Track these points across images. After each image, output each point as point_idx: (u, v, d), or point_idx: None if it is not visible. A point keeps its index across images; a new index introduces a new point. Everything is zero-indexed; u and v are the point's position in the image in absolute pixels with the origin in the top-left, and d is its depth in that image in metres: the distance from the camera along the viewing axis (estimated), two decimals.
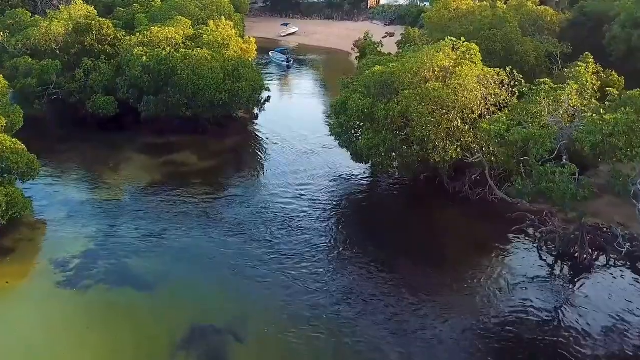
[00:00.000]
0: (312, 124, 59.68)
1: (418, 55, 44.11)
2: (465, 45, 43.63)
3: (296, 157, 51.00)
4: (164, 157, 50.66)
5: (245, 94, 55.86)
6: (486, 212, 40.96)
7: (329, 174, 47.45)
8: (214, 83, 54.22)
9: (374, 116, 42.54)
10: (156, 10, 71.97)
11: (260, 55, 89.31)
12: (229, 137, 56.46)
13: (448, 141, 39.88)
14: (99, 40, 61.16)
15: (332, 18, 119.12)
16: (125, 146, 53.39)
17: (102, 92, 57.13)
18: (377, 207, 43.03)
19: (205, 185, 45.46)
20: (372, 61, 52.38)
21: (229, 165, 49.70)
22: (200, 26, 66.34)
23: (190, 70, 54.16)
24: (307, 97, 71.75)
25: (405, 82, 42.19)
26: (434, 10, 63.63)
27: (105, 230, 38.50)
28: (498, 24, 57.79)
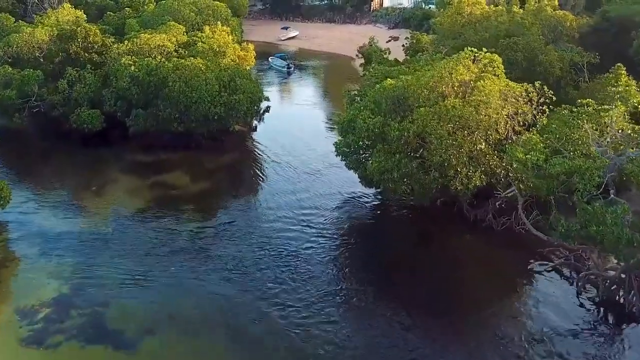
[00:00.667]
0: (314, 138, 54.76)
1: (435, 68, 39.15)
2: (487, 57, 38.63)
3: (298, 177, 46.03)
4: (153, 178, 45.72)
5: (243, 107, 50.92)
6: (512, 244, 36.11)
7: (335, 198, 42.48)
8: (208, 96, 49.29)
9: (385, 136, 37.64)
10: (148, 15, 66.99)
11: (260, 61, 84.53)
12: (225, 153, 51.53)
13: (471, 166, 34.92)
14: (85, 48, 56.24)
15: (333, 21, 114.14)
16: (111, 164, 48.48)
17: (87, 105, 52.21)
18: (389, 239, 38.04)
19: (198, 212, 40.47)
20: (380, 72, 47.46)
21: (224, 187, 44.70)
22: (195, 32, 61.41)
23: (183, 81, 49.24)
24: (309, 107, 66.74)
25: (420, 98, 37.25)
26: (445, 15, 58.65)
27: (82, 270, 33.49)
28: (516, 30, 52.95)
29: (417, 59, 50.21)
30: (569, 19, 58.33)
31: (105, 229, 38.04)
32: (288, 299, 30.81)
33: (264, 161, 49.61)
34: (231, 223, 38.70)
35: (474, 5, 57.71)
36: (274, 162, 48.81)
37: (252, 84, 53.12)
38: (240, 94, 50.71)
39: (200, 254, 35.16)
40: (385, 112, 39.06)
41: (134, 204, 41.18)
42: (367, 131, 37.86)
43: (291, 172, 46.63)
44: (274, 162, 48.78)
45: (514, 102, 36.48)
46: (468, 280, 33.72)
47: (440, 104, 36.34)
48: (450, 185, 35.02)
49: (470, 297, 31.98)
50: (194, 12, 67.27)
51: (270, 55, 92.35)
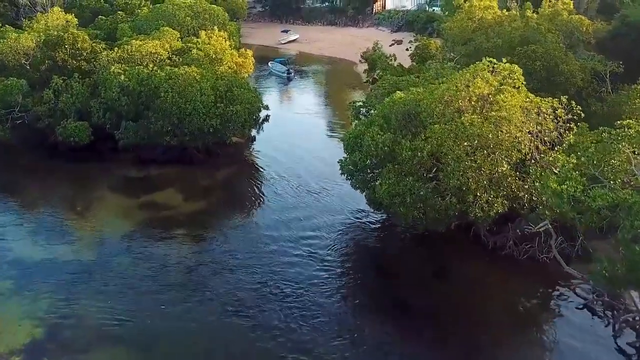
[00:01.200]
0: (317, 151, 51.16)
1: (450, 80, 35.50)
2: (506, 68, 34.97)
3: (300, 196, 42.35)
4: (143, 197, 42.03)
5: (240, 118, 47.22)
6: (537, 276, 32.63)
7: (340, 221, 38.80)
8: (203, 107, 45.62)
9: (395, 155, 34.04)
10: (141, 19, 63.23)
11: (259, 66, 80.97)
12: (221, 168, 47.88)
13: (492, 191, 31.27)
14: (72, 55, 52.54)
15: (335, 24, 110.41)
16: (98, 181, 44.80)
17: (75, 116, 48.51)
18: (399, 269, 34.34)
19: (191, 239, 36.75)
20: (388, 82, 43.87)
21: (220, 208, 40.96)
22: (190, 38, 57.69)
23: (176, 92, 45.55)
24: (310, 116, 63.00)
25: (434, 113, 33.62)
26: (455, 20, 54.99)
27: (60, 309, 29.76)
28: (531, 36, 49.31)
29: (427, 67, 46.56)
30: (585, 23, 54.63)
31: (89, 258, 34.30)
32: (294, 347, 27.03)
33: (262, 177, 45.92)
34: (228, 252, 34.94)
35: (485, 9, 54.03)
36: (273, 179, 45.12)
37: (250, 93, 49.44)
38: (237, 105, 47.03)
39: (194, 290, 31.40)
40: (395, 128, 35.49)
41: (121, 228, 37.47)
42: (376, 149, 34.25)
43: (292, 191, 42.93)
44: (274, 179, 45.09)
45: (538, 118, 32.92)
46: (487, 316, 30.16)
47: (457, 120, 32.74)
48: (469, 212, 31.35)
49: (490, 337, 28.41)
50: (189, 17, 63.56)
51: (269, 59, 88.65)
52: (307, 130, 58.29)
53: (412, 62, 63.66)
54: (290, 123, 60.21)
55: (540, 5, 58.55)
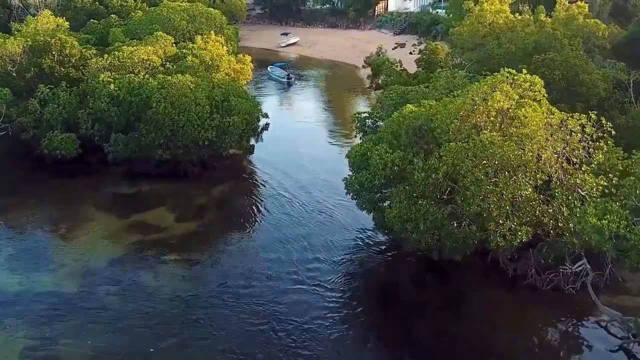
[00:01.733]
0: (319, 163, 48.04)
1: (466, 93, 32.31)
2: (527, 79, 31.79)
3: (302, 215, 39.13)
4: (133, 216, 38.82)
5: (238, 130, 44.00)
6: (563, 309, 29.65)
7: (346, 244, 35.63)
8: (198, 118, 42.43)
9: (407, 175, 30.88)
10: (135, 23, 59.98)
11: (258, 70, 77.88)
12: (217, 182, 44.75)
13: (515, 217, 28.05)
14: (60, 62, 49.32)
15: (336, 26, 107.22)
16: (85, 198, 41.60)
17: (62, 127, 45.36)
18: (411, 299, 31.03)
19: (184, 265, 33.55)
20: (395, 92, 40.66)
21: (216, 229, 37.69)
22: (186, 43, 54.49)
23: (169, 102, 42.37)
24: (312, 124, 59.75)
25: (450, 130, 30.42)
26: (465, 25, 51.76)
27: (37, 348, 26.58)
28: (546, 42, 46.22)
29: (437, 76, 43.33)
30: (600, 28, 51.46)
31: (71, 288, 31.07)
32: None
33: (261, 193, 42.75)
34: (224, 281, 31.68)
35: (496, 13, 50.83)
36: (273, 195, 41.92)
37: (248, 102, 46.22)
38: (234, 116, 43.81)
39: (186, 326, 28.13)
40: (405, 145, 32.33)
41: (108, 254, 34.27)
42: (384, 169, 31.06)
43: (293, 209, 39.73)
44: (274, 195, 41.89)
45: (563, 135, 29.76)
46: (506, 355, 26.97)
47: (475, 138, 29.57)
48: (490, 241, 28.15)
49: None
50: (185, 20, 60.33)
51: (269, 63, 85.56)
52: (308, 139, 55.06)
53: (417, 68, 60.58)
54: (291, 132, 57.03)
55: (553, 9, 55.49)
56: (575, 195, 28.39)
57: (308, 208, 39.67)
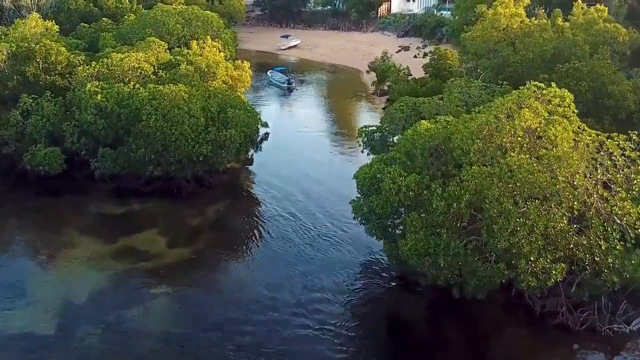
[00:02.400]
0: (323, 176, 44.62)
1: (489, 109, 28.83)
2: (556, 93, 28.31)
3: (304, 238, 35.60)
4: (121, 241, 35.30)
5: (235, 144, 40.48)
6: (600, 354, 25.91)
7: (353, 274, 32.09)
8: (192, 132, 38.95)
9: (423, 200, 27.41)
10: (127, 27, 56.38)
11: (257, 75, 74.45)
12: (213, 201, 41.19)
13: (548, 253, 24.52)
14: (45, 70, 45.73)
15: (337, 28, 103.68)
16: (69, 220, 38.05)
17: (46, 141, 41.80)
18: (423, 337, 27.76)
19: (174, 300, 29.97)
20: (406, 104, 37.13)
21: (210, 257, 34.06)
22: (180, 49, 50.93)
23: (160, 114, 38.85)
24: (314, 134, 56.18)
25: (471, 151, 26.90)
26: (478, 29, 48.17)
27: None
28: (566, 50, 42.78)
29: (450, 86, 39.80)
30: (621, 33, 47.88)
31: (48, 328, 27.44)
32: None
33: (260, 214, 39.18)
34: (218, 321, 28.01)
35: (511, 17, 47.26)
36: (274, 217, 38.33)
37: (247, 114, 42.63)
38: (232, 129, 40.27)
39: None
40: (421, 167, 28.83)
41: (92, 285, 30.73)
42: (398, 194, 27.57)
43: (296, 234, 36.09)
44: (275, 217, 38.29)
45: (599, 157, 26.31)
46: None
47: (501, 161, 26.11)
48: (520, 281, 24.64)
49: None
50: (180, 24, 56.72)
51: (268, 67, 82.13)
52: (311, 150, 51.55)
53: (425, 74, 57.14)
54: (292, 142, 53.46)
55: (570, 13, 51.96)
56: (614, 227, 24.95)
57: (312, 232, 36.12)
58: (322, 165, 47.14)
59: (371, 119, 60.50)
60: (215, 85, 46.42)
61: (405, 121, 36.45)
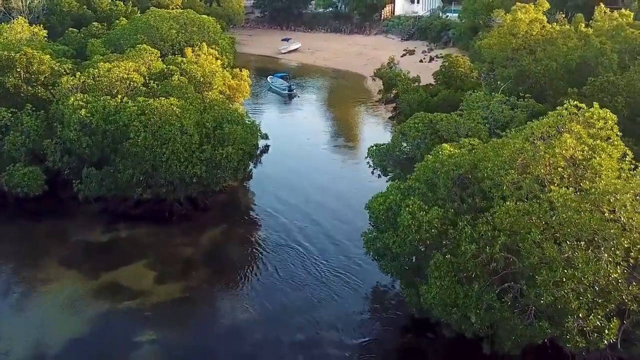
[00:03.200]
0: (329, 197, 40.69)
1: (521, 133, 24.97)
2: (600, 115, 24.45)
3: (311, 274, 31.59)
4: (104, 276, 31.37)
5: (232, 163, 36.58)
6: None
7: (367, 319, 28.22)
8: (184, 150, 35.04)
9: (448, 238, 23.54)
10: (117, 33, 52.38)
11: (257, 80, 70.64)
12: (208, 225, 37.31)
13: (599, 309, 20.59)
14: (27, 80, 41.78)
15: (339, 31, 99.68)
16: (48, 250, 34.11)
17: (26, 159, 37.86)
18: None
19: (163, 347, 26.04)
20: (421, 121, 33.21)
21: (205, 296, 30.10)
22: (174, 57, 46.97)
23: (150, 131, 34.92)
24: (318, 146, 52.24)
25: (504, 183, 23.00)
26: (494, 36, 44.18)
27: None
28: (592, 58, 38.88)
29: (469, 100, 35.88)
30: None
31: None
32: None
33: (261, 243, 35.23)
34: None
35: (531, 23, 43.28)
36: (275, 247, 34.39)
37: (245, 129, 38.70)
38: (229, 146, 36.35)
39: None
40: (444, 199, 24.95)
41: (69, 331, 26.84)
42: (419, 232, 23.69)
43: (300, 266, 32.17)
44: (276, 247, 34.36)
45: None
46: None
47: (541, 196, 22.18)
48: (567, 341, 20.70)
49: None
50: (175, 30, 52.70)
51: (268, 72, 78.30)
52: (314, 165, 47.68)
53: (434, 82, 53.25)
54: (294, 155, 49.49)
55: (591, 17, 48.10)
56: None
57: (319, 265, 32.14)
58: (328, 183, 43.17)
59: (378, 129, 56.73)
60: (212, 97, 42.58)
61: (421, 140, 32.63)
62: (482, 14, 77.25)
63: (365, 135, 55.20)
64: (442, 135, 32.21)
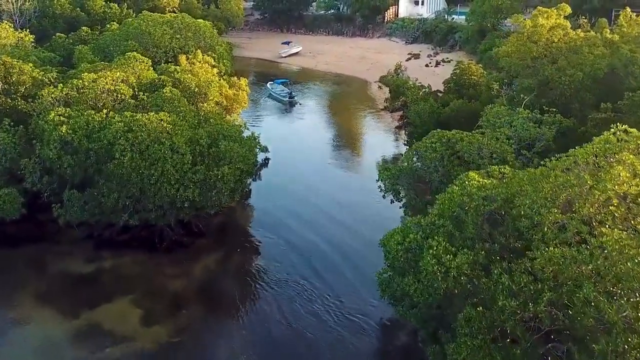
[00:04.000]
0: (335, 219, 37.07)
1: (561, 163, 21.33)
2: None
3: (320, 316, 27.83)
4: (84, 315, 27.69)
5: (228, 184, 32.88)
6: None
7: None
8: (175, 171, 31.36)
9: (478, 287, 19.92)
10: (107, 38, 48.68)
11: (255, 87, 67.11)
12: (202, 253, 33.61)
13: None
14: (6, 92, 38.12)
15: (341, 34, 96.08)
16: (24, 284, 30.33)
17: (2, 179, 34.19)
18: None
19: None
20: (438, 139, 29.56)
21: (196, 337, 26.32)
22: (167, 65, 43.30)
23: (137, 151, 31.23)
24: (322, 159, 48.59)
25: (545, 224, 19.36)
26: (512, 42, 40.46)
27: None
28: (622, 68, 35.34)
29: (491, 115, 32.25)
30: None
31: None
32: None
33: (261, 274, 31.52)
34: None
35: (552, 29, 39.60)
36: (277, 280, 30.71)
37: (244, 145, 35.01)
38: (225, 166, 32.66)
39: None
40: (473, 239, 21.29)
41: None
42: (446, 280, 20.04)
43: (306, 307, 28.40)
44: (278, 280, 30.68)
45: None
46: None
47: (592, 241, 18.52)
48: None
49: None
50: (168, 35, 48.97)
51: (268, 76, 74.77)
52: (318, 180, 43.95)
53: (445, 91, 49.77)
54: (296, 170, 45.88)
55: (614, 22, 44.45)
56: None
57: (327, 304, 28.37)
58: (334, 204, 39.45)
59: (385, 140, 53.15)
60: (207, 109, 39.10)
61: (439, 162, 28.99)
62: (491, 17, 73.86)
63: (371, 147, 51.57)
64: (464, 157, 28.61)
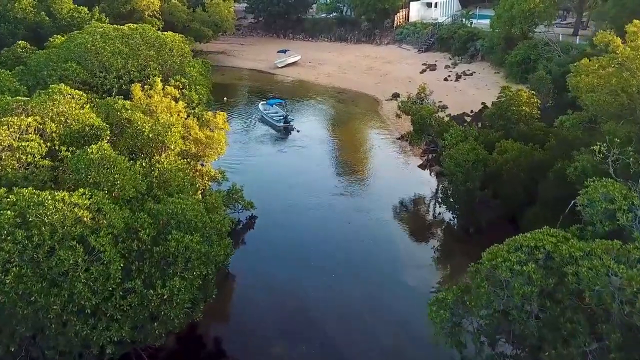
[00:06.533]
0: (348, 320, 24.24)
1: None
2: None
3: None
4: None
5: (181, 306, 20.02)
6: None
7: None
8: (91, 295, 18.47)
9: None
10: (40, 59, 35.52)
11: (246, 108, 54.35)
12: None
13: None
14: None
15: (345, 40, 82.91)
16: None
17: None
18: None
19: None
20: (529, 255, 16.65)
21: None
22: (112, 100, 30.22)
23: (27, 260, 18.35)
24: (332, 213, 35.57)
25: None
26: (598, 73, 27.33)
27: None
28: None
29: (594, 197, 19.38)
30: None
31: None
32: None
33: None
34: None
35: None
36: None
37: (210, 230, 22.18)
38: (176, 277, 19.79)
39: None
40: None
41: None
42: None
43: None
44: None
45: None
46: None
47: None
48: None
49: None
50: (122, 56, 35.64)
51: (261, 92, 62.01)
52: (322, 256, 31.02)
53: (486, 122, 37.28)
54: (294, 233, 32.98)
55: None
56: None
57: None
58: (346, 298, 26.64)
59: (408, 183, 39.88)
60: (165, 165, 26.07)
61: (537, 300, 16.14)
62: (520, 23, 60.90)
63: (391, 192, 38.51)
64: (580, 292, 15.81)
